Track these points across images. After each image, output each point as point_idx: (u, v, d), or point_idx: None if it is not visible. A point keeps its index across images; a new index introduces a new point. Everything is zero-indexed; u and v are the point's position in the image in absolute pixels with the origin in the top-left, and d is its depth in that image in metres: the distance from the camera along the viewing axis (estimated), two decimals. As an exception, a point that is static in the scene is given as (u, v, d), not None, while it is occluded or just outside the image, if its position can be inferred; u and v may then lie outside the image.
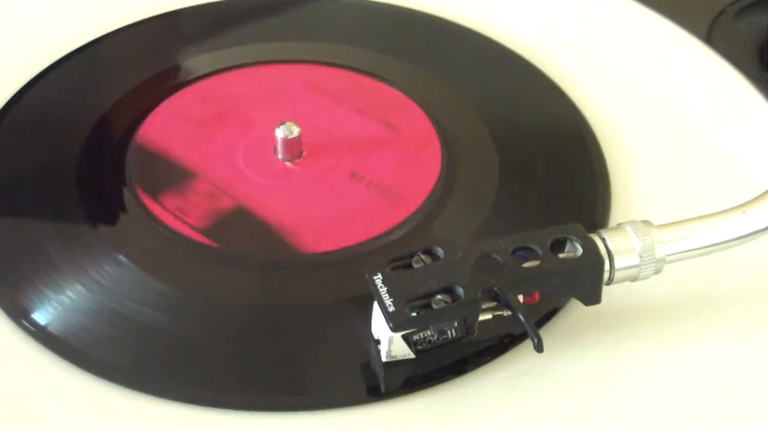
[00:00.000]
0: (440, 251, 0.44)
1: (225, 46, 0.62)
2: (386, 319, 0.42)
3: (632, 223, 0.45)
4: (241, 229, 0.51)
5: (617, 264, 0.44)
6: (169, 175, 0.53)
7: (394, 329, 0.42)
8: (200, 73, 0.59)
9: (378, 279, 0.43)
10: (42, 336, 0.46)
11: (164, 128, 0.56)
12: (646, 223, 0.46)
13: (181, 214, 0.51)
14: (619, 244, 0.45)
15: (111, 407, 0.44)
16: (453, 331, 0.44)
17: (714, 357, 0.46)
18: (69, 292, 0.48)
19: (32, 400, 0.44)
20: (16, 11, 0.66)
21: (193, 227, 0.50)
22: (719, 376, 0.46)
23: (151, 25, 0.64)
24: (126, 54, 0.62)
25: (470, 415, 0.44)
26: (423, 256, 0.44)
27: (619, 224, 0.46)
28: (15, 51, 0.62)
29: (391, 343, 0.44)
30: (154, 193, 0.52)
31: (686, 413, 0.44)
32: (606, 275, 0.45)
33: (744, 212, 0.46)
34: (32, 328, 0.46)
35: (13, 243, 0.51)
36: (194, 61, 0.61)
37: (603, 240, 0.45)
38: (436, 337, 0.44)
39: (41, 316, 0.47)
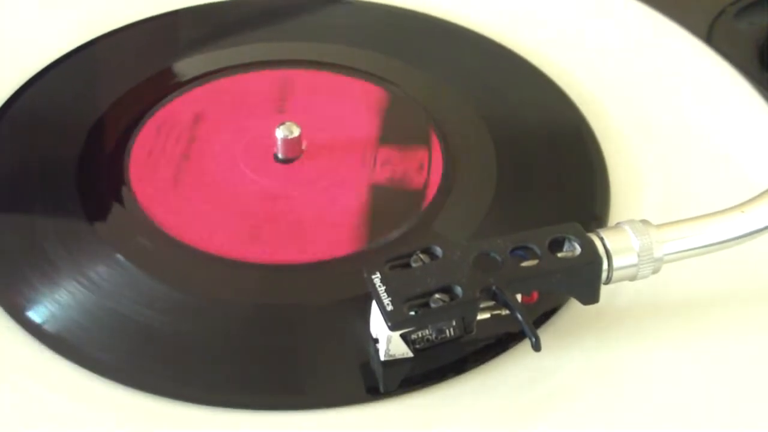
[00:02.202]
0: (439, 250, 0.44)
1: (224, 47, 0.62)
2: (385, 318, 0.42)
3: (631, 222, 0.46)
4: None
5: (615, 263, 0.45)
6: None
7: (393, 328, 0.43)
8: (200, 73, 0.59)
9: (376, 278, 0.43)
10: (41, 334, 0.46)
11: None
12: (644, 222, 0.46)
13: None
14: (618, 244, 0.45)
15: (110, 407, 0.44)
16: (451, 330, 0.44)
17: (713, 356, 0.46)
18: (67, 291, 0.48)
19: (31, 399, 0.44)
20: (16, 11, 0.66)
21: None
22: (719, 375, 0.46)
23: (150, 26, 0.64)
24: (125, 54, 0.62)
25: (469, 415, 0.44)
26: (421, 256, 0.44)
27: (618, 223, 0.46)
28: (14, 50, 0.62)
29: (389, 342, 0.44)
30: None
31: (686, 413, 0.44)
32: (604, 274, 0.45)
33: (742, 212, 0.46)
34: (31, 326, 0.46)
35: (12, 242, 0.51)
36: (194, 62, 0.61)
37: (601, 239, 0.45)
38: (434, 336, 0.44)
39: (39, 315, 0.47)
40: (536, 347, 0.42)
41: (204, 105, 0.57)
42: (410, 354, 0.44)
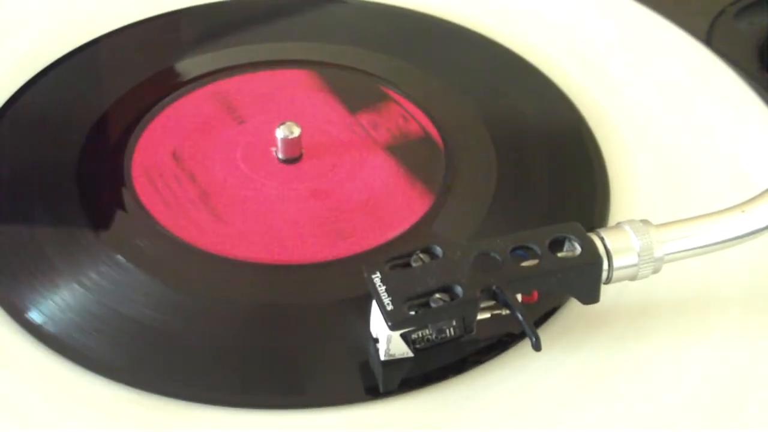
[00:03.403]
0: (439, 250, 0.44)
1: (225, 47, 0.62)
2: (385, 318, 0.42)
3: (631, 222, 0.46)
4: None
5: (616, 263, 0.45)
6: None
7: (393, 328, 0.43)
8: (200, 74, 0.59)
9: (376, 278, 0.43)
10: (41, 335, 0.46)
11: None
12: (644, 222, 0.46)
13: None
14: (618, 244, 0.45)
15: (110, 407, 0.44)
16: (451, 329, 0.44)
17: (713, 356, 0.46)
18: (67, 292, 0.48)
19: (31, 399, 0.44)
20: (16, 11, 0.66)
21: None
22: (719, 375, 0.46)
23: (151, 25, 0.64)
24: (125, 54, 0.62)
25: (469, 414, 0.44)
26: (422, 255, 0.44)
27: (618, 223, 0.46)
28: (15, 50, 0.62)
29: (389, 342, 0.44)
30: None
31: (686, 413, 0.44)
32: (604, 274, 0.45)
33: (743, 212, 0.46)
34: (32, 327, 0.46)
35: (13, 243, 0.50)
36: (194, 62, 0.61)
37: (602, 239, 0.45)
38: (434, 335, 0.44)
39: (40, 316, 0.47)
40: (536, 347, 0.42)
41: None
42: (410, 354, 0.44)
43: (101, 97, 0.58)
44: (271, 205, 0.52)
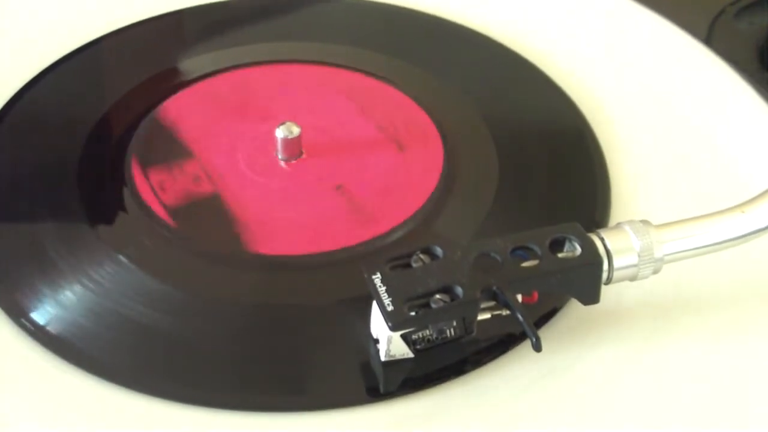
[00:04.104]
0: (439, 250, 0.44)
1: (225, 47, 0.62)
2: (385, 319, 0.42)
3: (631, 222, 0.46)
4: (204, 217, 0.51)
5: (616, 264, 0.44)
6: (167, 152, 0.54)
7: (393, 328, 0.43)
8: (200, 73, 0.59)
9: (377, 278, 0.43)
10: (41, 335, 0.46)
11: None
12: (644, 222, 0.46)
13: (159, 190, 0.52)
14: (618, 244, 0.45)
15: (111, 407, 0.44)
16: (452, 330, 0.44)
17: (714, 357, 0.46)
18: (69, 292, 0.48)
19: (31, 399, 0.44)
20: (17, 10, 0.66)
21: (162, 204, 0.51)
22: (719, 375, 0.46)
23: (152, 26, 0.64)
24: (126, 54, 0.62)
25: (469, 415, 0.44)
26: (422, 256, 0.44)
27: (618, 224, 0.46)
28: (16, 50, 0.62)
29: (390, 343, 0.44)
30: (146, 165, 0.53)
31: (686, 413, 0.44)
32: (605, 275, 0.45)
33: (743, 212, 0.46)
34: (32, 328, 0.46)
35: (13, 242, 0.51)
36: (194, 62, 0.61)
37: (602, 239, 0.45)
38: (435, 336, 0.44)
39: (41, 316, 0.47)
40: (537, 347, 0.42)
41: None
42: (411, 354, 0.44)
43: (102, 96, 0.58)
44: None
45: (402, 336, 0.44)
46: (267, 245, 0.50)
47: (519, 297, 0.44)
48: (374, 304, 0.44)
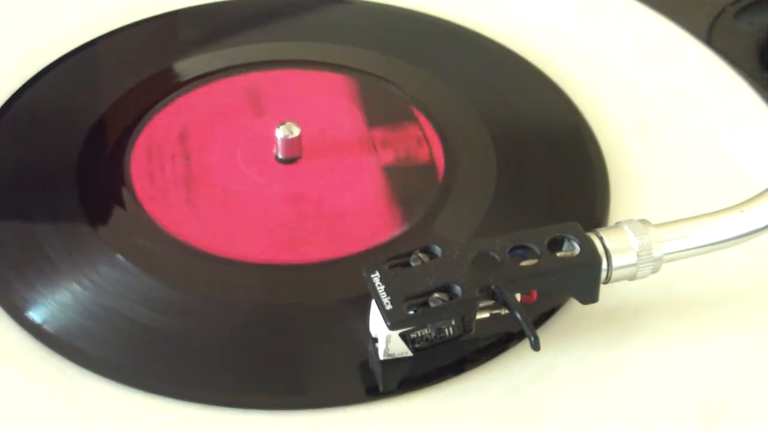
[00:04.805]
0: (438, 250, 0.44)
1: (225, 47, 0.62)
2: (384, 318, 0.42)
3: (630, 222, 0.46)
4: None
5: (615, 263, 0.45)
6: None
7: (392, 327, 0.43)
8: (200, 73, 0.59)
9: (375, 277, 0.43)
10: (40, 335, 0.46)
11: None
12: (643, 222, 0.46)
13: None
14: (617, 243, 0.45)
15: (110, 407, 0.44)
16: (451, 329, 0.44)
17: (713, 356, 0.46)
18: (67, 291, 0.48)
19: (31, 399, 0.44)
20: (16, 10, 0.66)
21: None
22: (718, 375, 0.46)
23: (151, 25, 0.64)
24: (126, 54, 0.62)
25: (468, 414, 0.44)
26: (421, 255, 0.44)
27: (617, 223, 0.46)
28: (15, 49, 0.62)
29: (388, 342, 0.44)
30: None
31: (686, 412, 0.44)
32: (603, 274, 0.45)
33: (742, 212, 0.46)
34: (31, 327, 0.47)
35: (12, 242, 0.51)
36: (194, 62, 0.61)
37: (601, 239, 0.45)
38: (433, 335, 0.44)
39: (39, 315, 0.47)
40: (535, 347, 0.42)
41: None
42: (409, 353, 0.44)
43: (101, 96, 0.58)
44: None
45: (401, 335, 0.44)
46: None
47: (518, 296, 0.44)
48: (373, 303, 0.44)
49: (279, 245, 0.50)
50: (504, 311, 0.44)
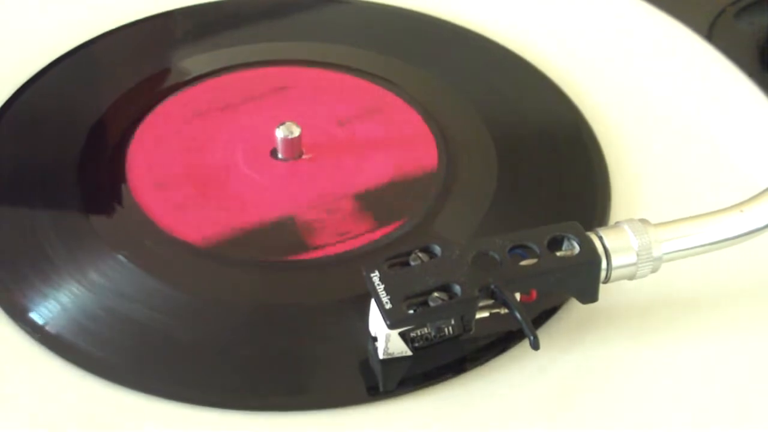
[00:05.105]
0: (438, 249, 0.44)
1: (225, 46, 0.62)
2: (383, 317, 0.42)
3: (630, 221, 0.46)
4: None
5: (614, 262, 0.45)
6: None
7: (391, 326, 0.43)
8: (200, 73, 0.59)
9: (375, 276, 0.43)
10: (40, 335, 0.46)
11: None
12: (643, 221, 0.46)
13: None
14: (617, 243, 0.45)
15: (110, 407, 0.44)
16: (450, 328, 0.44)
17: (713, 356, 0.46)
18: (67, 292, 0.48)
19: (30, 399, 0.44)
20: (16, 10, 0.66)
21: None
22: (718, 375, 0.46)
23: (151, 25, 0.64)
24: (125, 53, 0.62)
25: (468, 413, 0.44)
26: (420, 254, 0.44)
27: (617, 223, 0.46)
28: (14, 50, 0.62)
29: (388, 341, 0.44)
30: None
31: (686, 412, 0.44)
32: (603, 274, 0.45)
33: (741, 211, 0.46)
34: (31, 328, 0.47)
35: (13, 242, 0.51)
36: (194, 61, 0.61)
37: (600, 238, 0.45)
38: (433, 334, 0.44)
39: (40, 315, 0.47)
40: (535, 346, 0.43)
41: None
42: (409, 353, 0.44)
43: (101, 96, 0.58)
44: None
45: (400, 334, 0.44)
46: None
47: (517, 295, 0.44)
48: (373, 303, 0.44)
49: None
50: (504, 311, 0.44)
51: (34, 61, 0.61)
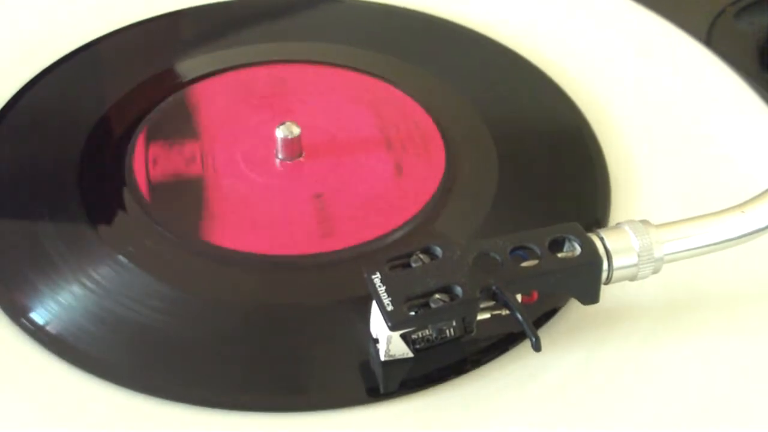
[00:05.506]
0: (439, 250, 0.44)
1: (225, 47, 0.62)
2: (385, 318, 0.42)
3: (631, 222, 0.46)
4: (179, 198, 0.52)
5: (615, 263, 0.45)
6: (177, 131, 0.55)
7: (393, 328, 0.43)
8: (200, 74, 0.60)
9: (376, 278, 0.43)
10: (41, 335, 0.46)
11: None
12: (644, 222, 0.46)
13: (150, 164, 0.53)
14: (618, 244, 0.45)
15: (110, 407, 0.44)
16: (451, 330, 0.44)
17: (714, 356, 0.46)
18: (68, 292, 0.48)
19: (31, 399, 0.44)
20: (17, 10, 0.66)
21: (148, 178, 0.52)
22: (719, 375, 0.46)
23: (152, 26, 0.64)
24: (126, 54, 0.62)
25: (469, 415, 0.44)
26: (421, 256, 0.44)
27: (618, 224, 0.46)
28: (16, 51, 0.62)
29: (389, 342, 0.44)
30: (151, 138, 0.54)
31: (686, 413, 0.44)
32: (604, 275, 0.45)
33: (742, 212, 0.46)
34: (31, 328, 0.47)
35: (13, 242, 0.51)
36: (194, 62, 0.61)
37: (601, 239, 0.45)
38: (434, 336, 0.44)
39: (40, 316, 0.47)
40: (536, 347, 0.42)
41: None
42: (410, 354, 0.44)
43: (102, 97, 0.58)
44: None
45: (401, 336, 0.44)
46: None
47: (519, 297, 0.44)
48: (374, 304, 0.44)
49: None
50: (505, 312, 0.44)
51: (37, 61, 0.61)
